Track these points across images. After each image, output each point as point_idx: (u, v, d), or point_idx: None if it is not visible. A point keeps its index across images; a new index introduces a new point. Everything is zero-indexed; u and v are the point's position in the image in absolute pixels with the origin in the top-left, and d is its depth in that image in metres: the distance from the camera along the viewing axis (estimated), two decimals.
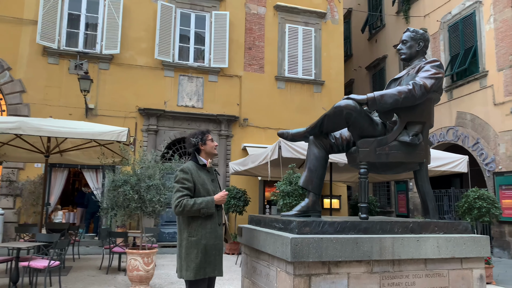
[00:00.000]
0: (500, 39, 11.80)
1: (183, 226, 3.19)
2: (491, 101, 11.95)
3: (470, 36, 12.85)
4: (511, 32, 11.41)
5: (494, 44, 11.98)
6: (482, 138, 12.22)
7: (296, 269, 2.43)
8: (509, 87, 11.41)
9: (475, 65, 12.60)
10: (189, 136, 3.49)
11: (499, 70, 11.74)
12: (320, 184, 3.08)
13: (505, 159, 11.43)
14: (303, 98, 13.75)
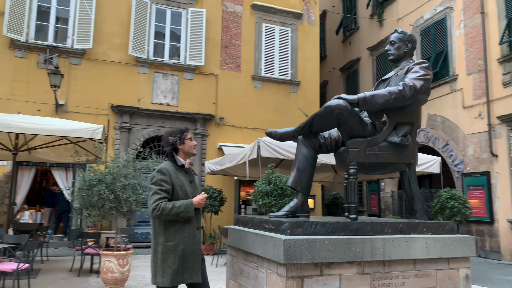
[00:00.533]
0: (469, 44, 12.20)
1: (159, 230, 3.03)
2: (460, 104, 12.33)
3: (441, 41, 13.22)
4: (480, 38, 11.80)
5: (464, 49, 12.37)
6: (451, 140, 12.60)
7: (289, 271, 2.39)
8: (478, 91, 11.80)
9: (445, 69, 12.97)
10: (166, 134, 3.31)
11: (468, 74, 12.13)
12: (309, 184, 3.05)
13: (473, 161, 11.83)
14: (279, 98, 13.77)
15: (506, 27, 10.96)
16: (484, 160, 11.46)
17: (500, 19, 11.19)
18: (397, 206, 15.44)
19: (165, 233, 3.00)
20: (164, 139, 3.31)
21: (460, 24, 12.55)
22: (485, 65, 11.53)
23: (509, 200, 10.65)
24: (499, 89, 11.13)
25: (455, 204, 8.01)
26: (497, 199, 11.04)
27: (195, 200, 3.05)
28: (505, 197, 10.79)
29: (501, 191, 10.93)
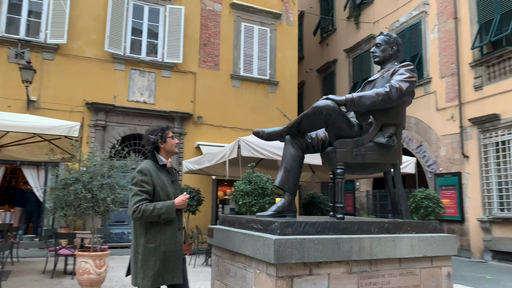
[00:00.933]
0: (443, 48, 12.55)
1: (139, 231, 2.96)
2: (434, 106, 12.67)
3: (416, 44, 13.54)
4: (453, 42, 12.16)
5: (437, 53, 12.72)
6: (425, 141, 12.93)
7: (279, 271, 2.38)
8: (450, 94, 12.16)
9: (420, 72, 13.28)
10: (147, 132, 3.22)
11: (441, 78, 12.48)
12: (296, 184, 3.06)
13: (445, 161, 12.18)
14: (258, 98, 13.78)
15: (477, 33, 11.33)
16: (456, 161, 11.82)
17: (472, 25, 11.56)
18: (371, 206, 15.73)
19: (146, 234, 2.93)
20: (145, 138, 3.23)
21: (434, 28, 12.90)
22: (457, 69, 11.89)
23: (479, 200, 11.02)
24: (471, 93, 11.50)
25: (429, 203, 8.23)
26: (468, 199, 11.40)
27: (176, 201, 3.00)
28: (475, 197, 11.16)
29: (471, 191, 11.30)
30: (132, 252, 2.99)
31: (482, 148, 11.09)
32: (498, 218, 10.46)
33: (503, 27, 10.65)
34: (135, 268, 2.93)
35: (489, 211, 10.78)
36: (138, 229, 2.97)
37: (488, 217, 10.70)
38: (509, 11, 10.50)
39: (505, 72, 10.64)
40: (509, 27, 10.29)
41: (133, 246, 2.99)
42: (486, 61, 11.08)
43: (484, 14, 11.24)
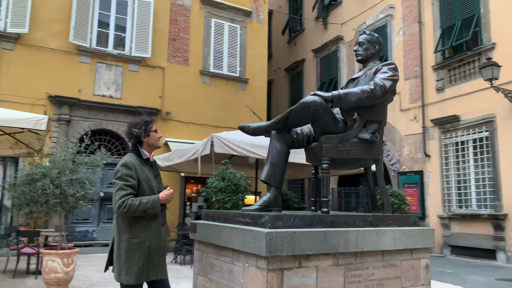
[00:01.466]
0: (407, 51, 13.00)
1: (123, 226, 2.90)
2: (398, 107, 13.11)
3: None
4: (417, 46, 12.63)
5: (402, 55, 13.17)
6: (389, 140, 13.36)
7: (270, 263, 2.40)
8: (414, 95, 12.63)
9: None
10: (130, 125, 3.16)
11: (405, 79, 12.93)
12: (282, 178, 3.09)
13: (408, 160, 12.64)
14: (228, 95, 13.74)
15: (440, 37, 11.83)
16: (418, 160, 12.30)
17: (435, 29, 12.05)
18: (336, 203, 16.08)
19: (130, 229, 2.88)
20: (128, 131, 3.17)
21: (399, 31, 13.34)
22: (421, 71, 12.36)
23: (439, 197, 11.53)
24: (433, 94, 12.00)
25: (395, 200, 8.52)
26: (429, 196, 11.90)
27: (161, 195, 2.96)
28: (436, 194, 11.66)
29: (432, 189, 11.79)
30: (115, 247, 2.92)
31: (443, 147, 11.60)
32: (456, 215, 10.98)
33: (463, 32, 11.18)
34: (118, 263, 2.86)
35: (448, 208, 11.30)
36: (122, 224, 2.90)
37: (447, 213, 11.22)
38: (469, 18, 11.03)
39: (465, 75, 11.18)
40: (469, 33, 10.81)
41: (116, 242, 2.92)
42: (448, 64, 11.59)
43: (446, 20, 11.75)
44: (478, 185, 10.66)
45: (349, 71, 15.34)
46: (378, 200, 3.47)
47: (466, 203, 10.91)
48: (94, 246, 11.22)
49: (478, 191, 10.64)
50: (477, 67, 10.72)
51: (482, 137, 10.53)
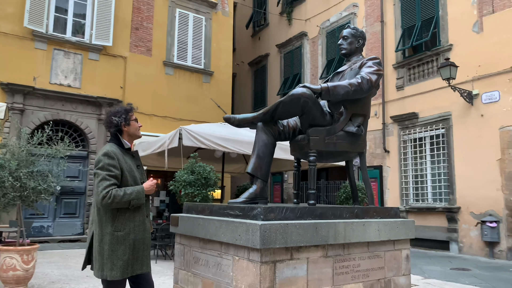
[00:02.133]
0: (369, 49, 13.35)
1: (106, 218, 2.77)
2: None
3: None
4: (379, 44, 13.00)
5: (364, 53, 13.46)
6: None
7: (263, 256, 2.37)
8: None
9: None
10: (109, 114, 3.03)
11: None
12: (268, 171, 3.06)
13: (368, 156, 13.01)
14: (192, 87, 13.51)
15: (401, 37, 12.23)
16: (378, 155, 12.71)
17: (397, 29, 12.46)
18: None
19: (114, 222, 2.75)
20: (107, 120, 3.02)
21: (362, 29, 13.63)
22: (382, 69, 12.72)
23: (397, 191, 11.98)
24: (393, 92, 12.41)
25: (359, 194, 8.74)
26: (387, 190, 12.34)
27: (145, 186, 2.85)
28: (394, 188, 12.11)
29: (391, 183, 12.23)
30: (96, 242, 2.77)
31: (401, 143, 12.05)
32: (413, 208, 11.46)
33: (423, 33, 11.63)
34: (101, 259, 2.72)
35: (406, 202, 11.77)
36: (104, 216, 2.75)
37: (405, 207, 11.68)
38: (429, 19, 11.49)
39: (423, 74, 11.65)
40: (429, 34, 11.26)
41: (97, 236, 2.77)
42: (408, 63, 12.03)
43: (407, 20, 12.17)
44: (434, 180, 11.17)
45: (313, 67, 15.55)
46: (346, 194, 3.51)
47: (423, 197, 11.42)
48: (50, 242, 10.71)
49: (434, 185, 11.16)
50: (435, 66, 11.21)
51: (439, 134, 11.04)
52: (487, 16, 10.24)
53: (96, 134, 11.70)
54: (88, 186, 11.54)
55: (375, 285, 2.88)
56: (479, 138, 10.08)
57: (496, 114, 9.82)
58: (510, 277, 7.59)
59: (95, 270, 2.77)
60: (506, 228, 9.45)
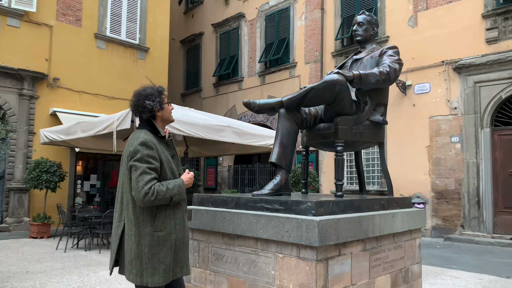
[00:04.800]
0: (309, 36, 13.56)
1: (143, 217, 2.36)
2: (297, 89, 13.65)
3: (284, 28, 14.28)
4: (318, 31, 13.25)
5: (303, 40, 13.69)
6: None
7: (319, 253, 2.23)
8: (313, 79, 13.29)
9: (287, 56, 14.13)
10: (140, 97, 2.54)
11: (306, 63, 13.52)
12: (291, 160, 2.90)
13: None
14: (126, 63, 12.57)
15: (340, 26, 12.59)
16: None
17: (336, 17, 12.78)
18: (232, 180, 16.25)
19: (154, 221, 2.35)
20: (139, 104, 2.52)
21: (302, 16, 13.80)
22: (321, 57, 13.04)
23: (333, 175, 12.45)
24: None
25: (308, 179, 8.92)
26: (323, 173, 12.81)
27: (185, 179, 2.48)
28: (329, 172, 12.60)
29: (326, 167, 12.71)
30: (133, 243, 2.30)
31: None
32: (347, 191, 12.00)
33: None
34: (140, 263, 2.29)
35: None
36: (141, 215, 2.34)
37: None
38: (368, 10, 11.91)
39: None
40: None
41: (134, 237, 2.32)
42: (346, 52, 12.44)
43: (347, 9, 12.54)
44: (368, 164, 11.83)
45: (251, 50, 15.40)
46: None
47: (357, 180, 12.04)
48: None
49: (367, 169, 11.82)
50: None
51: None
52: (421, 11, 10.94)
53: (17, 111, 10.36)
54: (7, 170, 10.23)
55: (398, 276, 2.91)
56: (411, 126, 10.85)
57: (426, 104, 10.63)
58: (439, 253, 8.38)
59: (131, 275, 2.33)
60: (431, 209, 10.40)
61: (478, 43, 9.89)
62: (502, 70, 9.49)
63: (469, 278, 6.17)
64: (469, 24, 10.03)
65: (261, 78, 14.87)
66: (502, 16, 9.59)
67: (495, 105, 9.66)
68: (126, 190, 2.40)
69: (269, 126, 14.41)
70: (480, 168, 9.74)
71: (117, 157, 12.61)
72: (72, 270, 6.13)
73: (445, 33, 10.33)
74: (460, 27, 10.20)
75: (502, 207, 9.53)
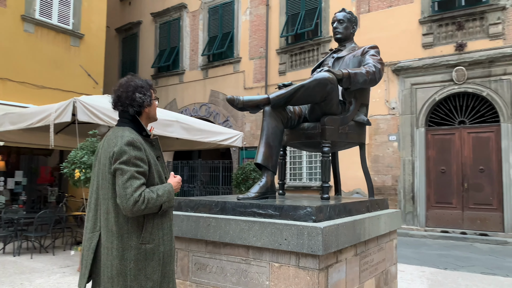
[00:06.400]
0: (253, 31, 13.47)
1: (128, 228, 2.02)
2: (242, 85, 13.54)
3: (228, 22, 14.04)
4: (263, 27, 13.20)
5: (248, 35, 13.56)
6: (231, 116, 13.73)
7: (321, 262, 2.10)
8: (258, 75, 13.24)
9: (230, 50, 13.91)
10: (129, 87, 2.16)
11: (250, 59, 13.41)
12: (277, 161, 2.75)
13: (249, 136, 13.28)
14: (57, 50, 11.53)
15: (285, 23, 12.64)
16: (258, 136, 13.03)
17: (281, 15, 12.81)
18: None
19: (141, 232, 2.03)
20: (128, 96, 2.15)
21: (246, 10, 13.65)
22: (266, 53, 13.01)
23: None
24: (275, 77, 12.82)
25: (256, 175, 8.84)
26: None
27: (173, 183, 2.18)
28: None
29: None
30: (114, 258, 1.95)
31: None
32: (290, 187, 12.20)
33: (306, 22, 12.23)
34: (123, 281, 1.95)
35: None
36: (125, 225, 1.99)
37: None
38: (312, 9, 12.13)
39: (304, 62, 12.31)
40: (312, 23, 11.90)
41: (116, 250, 1.99)
42: (290, 50, 12.54)
43: (292, 8, 12.62)
44: (310, 161, 12.05)
45: (193, 42, 14.95)
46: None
47: (300, 176, 12.23)
48: None
49: (309, 166, 12.05)
50: (316, 55, 11.96)
51: None
52: (363, 14, 11.32)
53: None
54: None
55: (381, 278, 2.89)
56: None
57: None
58: None
59: None
60: None
61: (415, 47, 10.46)
62: (436, 74, 10.12)
63: (413, 271, 6.47)
64: (408, 29, 10.56)
65: (204, 71, 14.51)
66: (437, 23, 10.21)
67: (429, 106, 10.29)
68: (106, 196, 2.06)
69: (212, 121, 14.13)
70: (415, 165, 10.33)
71: (46, 151, 11.59)
72: (2, 279, 5.47)
73: (385, 36, 10.77)
74: (399, 31, 10.71)
75: (434, 202, 10.20)
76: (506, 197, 9.24)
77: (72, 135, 9.21)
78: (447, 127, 10.16)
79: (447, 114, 10.22)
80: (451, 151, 10.06)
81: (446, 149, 10.11)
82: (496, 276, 6.34)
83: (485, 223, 9.54)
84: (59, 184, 12.23)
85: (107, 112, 6.47)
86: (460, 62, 9.76)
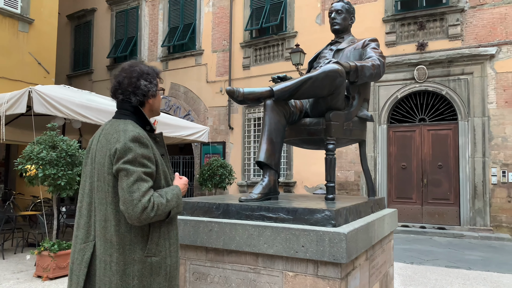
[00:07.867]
0: (216, 24, 13.12)
1: (130, 238, 1.72)
2: (204, 78, 13.17)
3: (190, 13, 13.58)
4: (226, 20, 12.89)
5: (211, 27, 13.19)
6: (193, 110, 13.33)
7: (343, 270, 1.93)
8: (221, 69, 12.93)
9: (192, 42, 13.48)
10: (133, 73, 1.83)
11: (213, 52, 13.07)
12: (280, 159, 2.54)
13: (212, 131, 12.94)
14: (4, 35, 10.58)
15: (250, 17, 12.41)
16: (222, 131, 12.78)
17: (246, 8, 12.57)
18: None
19: (146, 243, 1.73)
20: (131, 82, 1.82)
21: (209, 2, 13.27)
22: (229, 46, 12.72)
23: (240, 167, 12.35)
24: (239, 71, 12.58)
25: (224, 172, 8.59)
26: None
27: (180, 186, 1.88)
28: (236, 164, 12.42)
29: (233, 158, 12.51)
30: (114, 274, 1.62)
31: (246, 121, 12.40)
32: (254, 183, 12.04)
33: (272, 16, 12.07)
34: None
35: (247, 177, 12.27)
36: (128, 235, 1.67)
37: (246, 181, 12.16)
38: (277, 3, 11.98)
39: (269, 57, 12.17)
40: (277, 18, 11.76)
41: (116, 265, 1.65)
42: (255, 44, 12.34)
43: (256, 1, 12.40)
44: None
45: (152, 32, 14.34)
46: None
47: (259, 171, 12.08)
48: None
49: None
50: (281, 50, 11.85)
51: None
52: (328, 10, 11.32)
53: None
54: None
55: (383, 281, 2.77)
56: None
57: None
58: None
59: None
60: None
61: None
62: (399, 72, 10.34)
63: None
64: (372, 27, 10.69)
65: (164, 63, 13.97)
66: (400, 22, 10.42)
67: (391, 104, 10.50)
68: (104, 201, 1.73)
69: (172, 115, 13.64)
70: (377, 161, 10.52)
71: None
72: None
73: None
74: (363, 29, 10.78)
75: (395, 197, 10.45)
76: (462, 192, 9.63)
77: (22, 128, 8.51)
78: (408, 124, 10.43)
79: (408, 112, 10.49)
80: (411, 147, 10.34)
81: (407, 146, 10.38)
82: (460, 269, 6.54)
83: (442, 217, 9.90)
84: (5, 181, 11.30)
85: (66, 104, 5.97)
86: (422, 61, 10.02)
